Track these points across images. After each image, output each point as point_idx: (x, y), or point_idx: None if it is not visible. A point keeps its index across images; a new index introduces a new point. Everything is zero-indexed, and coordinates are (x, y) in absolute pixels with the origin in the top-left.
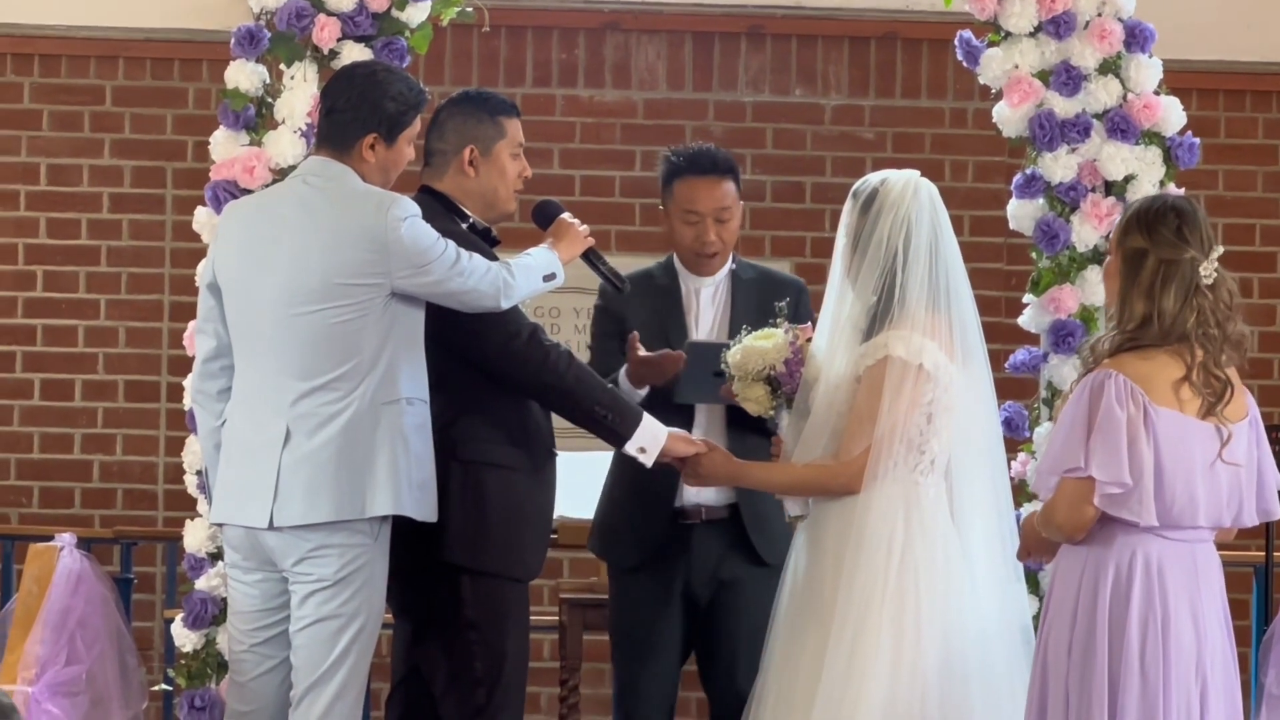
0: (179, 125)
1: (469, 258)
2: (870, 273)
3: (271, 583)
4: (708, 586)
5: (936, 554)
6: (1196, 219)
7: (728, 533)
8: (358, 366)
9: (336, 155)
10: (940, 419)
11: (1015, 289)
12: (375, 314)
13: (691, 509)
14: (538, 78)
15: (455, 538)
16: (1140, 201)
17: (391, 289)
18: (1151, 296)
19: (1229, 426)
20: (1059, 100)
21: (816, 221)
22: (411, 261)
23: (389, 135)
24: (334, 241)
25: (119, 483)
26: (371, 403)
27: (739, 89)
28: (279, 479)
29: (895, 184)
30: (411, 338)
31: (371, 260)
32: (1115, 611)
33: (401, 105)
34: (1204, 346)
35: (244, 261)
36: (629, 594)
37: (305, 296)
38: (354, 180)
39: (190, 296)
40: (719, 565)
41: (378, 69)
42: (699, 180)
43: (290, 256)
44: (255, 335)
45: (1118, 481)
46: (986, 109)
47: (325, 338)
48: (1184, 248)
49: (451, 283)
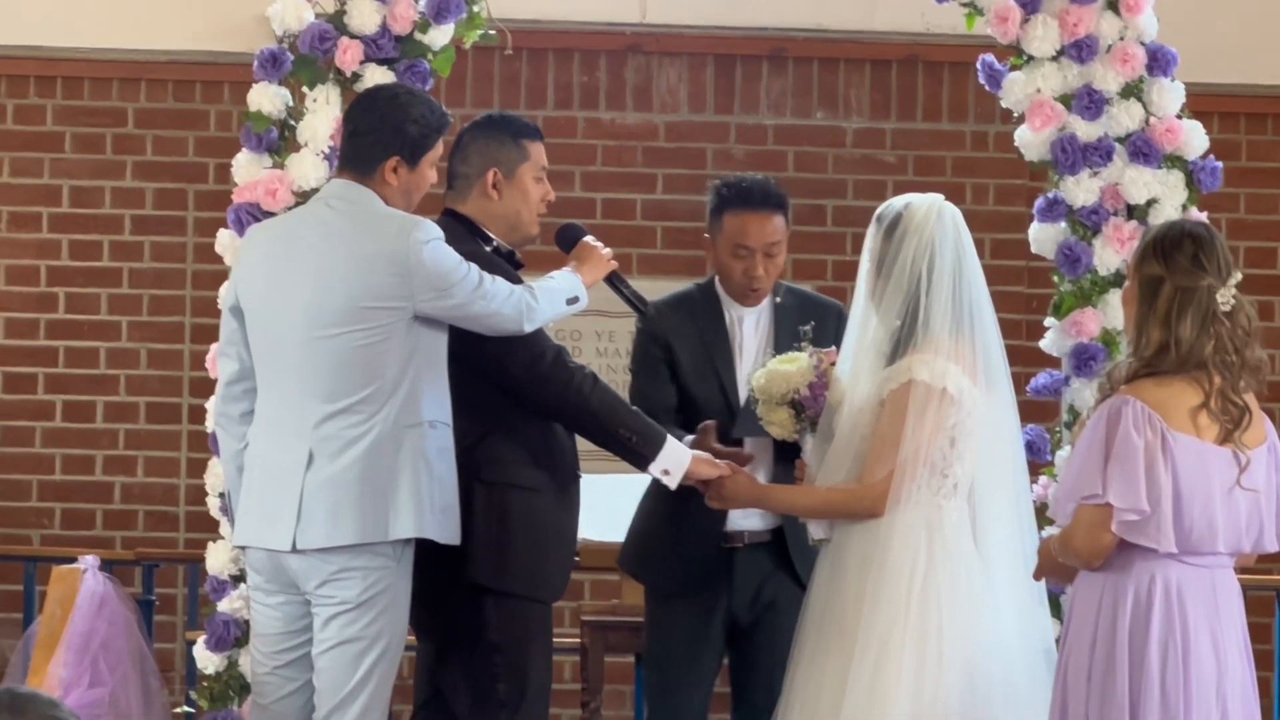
0: (201, 147)
1: (491, 281)
2: (894, 297)
3: (294, 605)
4: (750, 609)
5: (959, 578)
6: (1214, 245)
7: (770, 556)
8: (380, 389)
9: (359, 178)
10: (963, 443)
11: (1037, 312)
12: (398, 337)
13: (734, 533)
14: (559, 100)
15: (479, 559)
16: (1157, 228)
17: (414, 312)
18: (1168, 324)
19: (1247, 453)
20: (1081, 124)
21: (838, 244)
22: (434, 284)
23: (411, 158)
24: (357, 265)
25: (140, 504)
26: (394, 426)
27: (761, 111)
28: (302, 502)
29: (919, 208)
30: (434, 360)
31: (394, 283)
32: (1135, 637)
33: (424, 128)
34: (1222, 373)
35: (267, 285)
36: (668, 619)
37: (328, 320)
38: (376, 203)
39: (212, 319)
40: (761, 588)
41: (400, 92)
42: (750, 215)
43: (313, 280)
44: (278, 358)
45: (1135, 508)
46: (1008, 132)
47: (348, 361)
48: (1201, 275)
49: (474, 306)
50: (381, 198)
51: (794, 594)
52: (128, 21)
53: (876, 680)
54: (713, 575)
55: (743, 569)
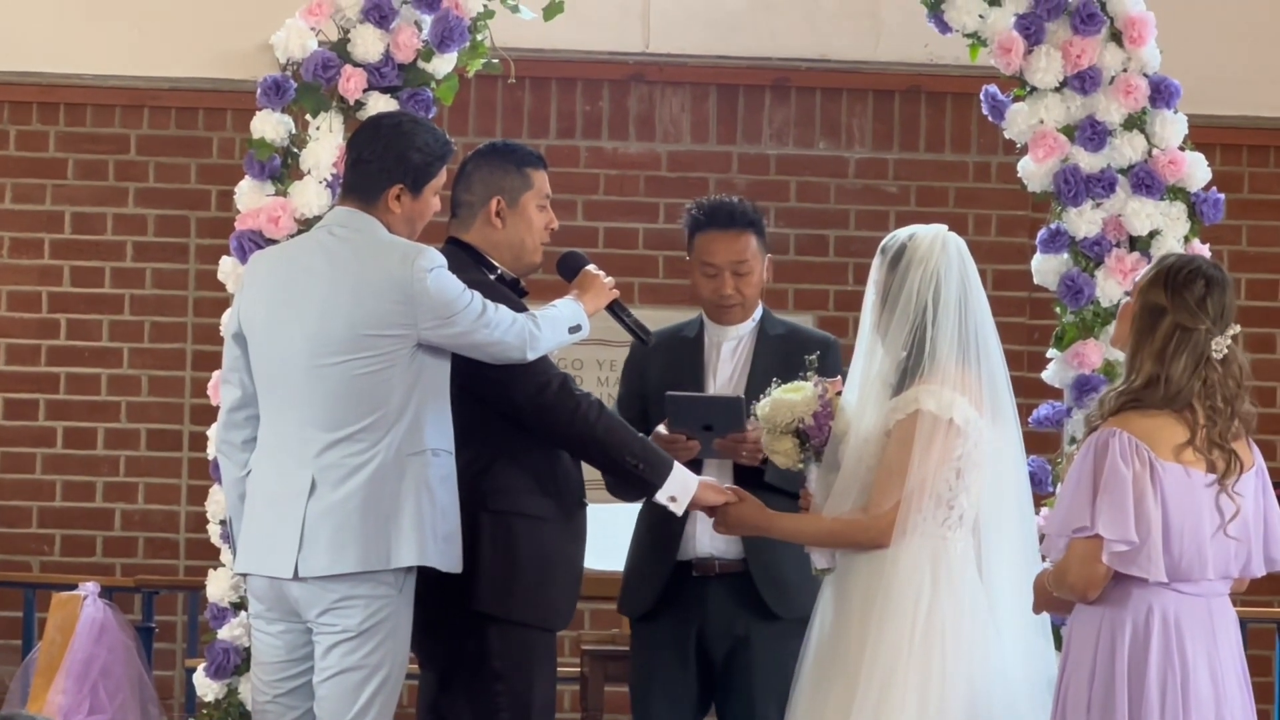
0: (203, 175)
1: (495, 309)
2: (900, 328)
3: (295, 634)
4: (722, 641)
5: (963, 610)
6: (1223, 292)
7: (742, 587)
8: (383, 418)
9: (363, 206)
10: (970, 474)
11: (1039, 344)
12: (401, 365)
13: (704, 561)
14: (562, 129)
15: (485, 587)
16: (1175, 258)
17: (418, 340)
18: (1162, 360)
19: (1236, 501)
20: (1084, 155)
21: (840, 275)
22: (438, 313)
23: (415, 186)
24: (360, 292)
25: (141, 531)
26: (397, 454)
27: (763, 142)
28: (304, 529)
29: (924, 239)
30: (437, 389)
31: (398, 311)
32: (1134, 668)
33: (427, 156)
34: (1208, 415)
35: (269, 312)
36: (644, 640)
37: (331, 347)
38: (380, 231)
39: (213, 345)
40: (733, 620)
41: (404, 120)
42: (718, 234)
43: (316, 307)
44: (281, 386)
45: (1124, 539)
46: (1011, 163)
47: (351, 389)
48: (1202, 318)
49: (477, 334)
50: (385, 225)
51: (765, 629)
52: (131, 48)
53: (880, 709)
54: (683, 602)
55: (714, 598)
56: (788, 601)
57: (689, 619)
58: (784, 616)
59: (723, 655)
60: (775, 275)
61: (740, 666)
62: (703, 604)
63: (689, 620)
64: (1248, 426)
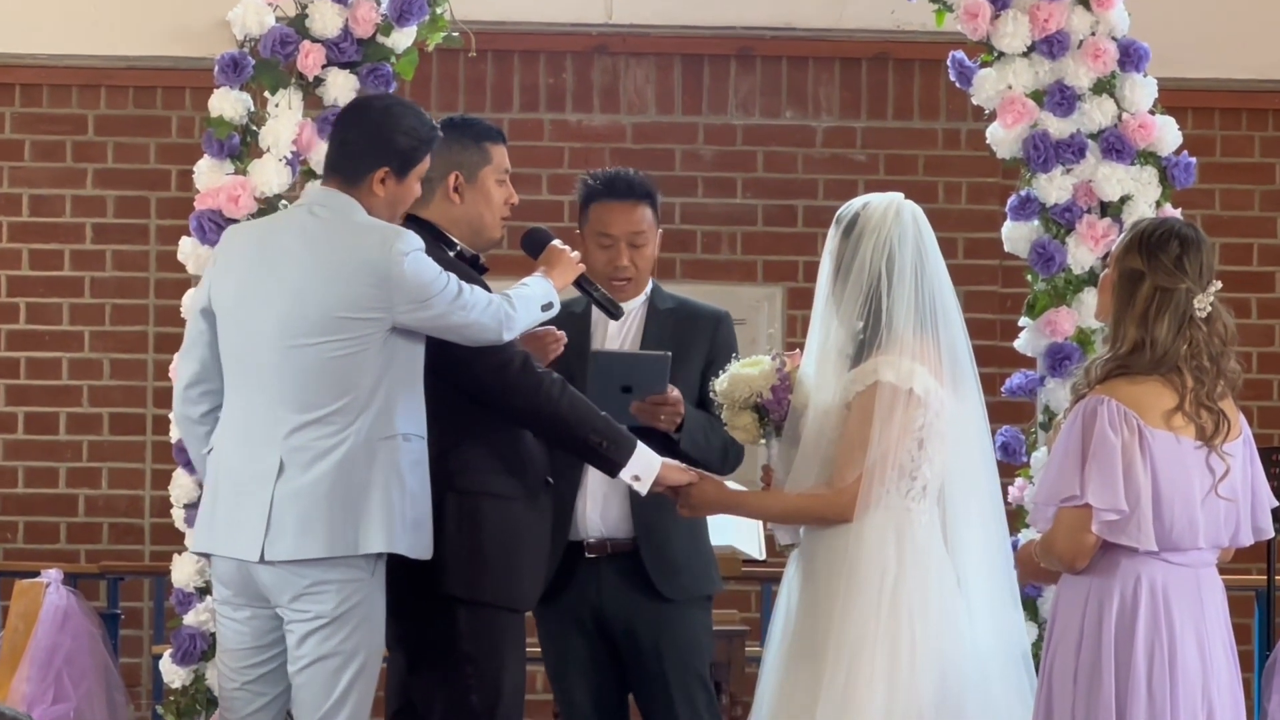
0: (162, 154)
1: (470, 291)
2: (854, 298)
3: (262, 619)
4: (620, 623)
5: (930, 582)
6: (1199, 250)
7: (634, 568)
8: (354, 401)
9: (345, 187)
10: (932, 444)
11: (1011, 312)
12: (374, 348)
13: (596, 542)
14: (525, 102)
15: (451, 569)
16: (1147, 222)
17: (392, 323)
18: (1145, 324)
19: (1226, 460)
20: (1053, 121)
21: (809, 245)
22: (413, 296)
23: (400, 170)
24: (336, 274)
25: (105, 517)
26: (367, 438)
27: (729, 112)
28: (271, 512)
29: (877, 207)
30: (410, 373)
31: (373, 294)
32: (1121, 638)
33: (414, 140)
34: (1195, 377)
35: (242, 289)
36: (548, 624)
37: (304, 328)
38: (359, 213)
39: (175, 328)
40: (626, 602)
41: (393, 103)
42: (614, 204)
43: (290, 287)
44: (250, 365)
45: (1114, 508)
46: (980, 130)
47: (322, 371)
48: (1181, 278)
49: (453, 316)
50: (366, 208)
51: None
52: (87, 27)
53: (849, 686)
54: (576, 584)
55: (606, 579)
56: (678, 583)
57: (586, 601)
58: (674, 598)
59: (623, 637)
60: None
61: (644, 651)
62: (597, 585)
63: (586, 602)
64: (1233, 386)
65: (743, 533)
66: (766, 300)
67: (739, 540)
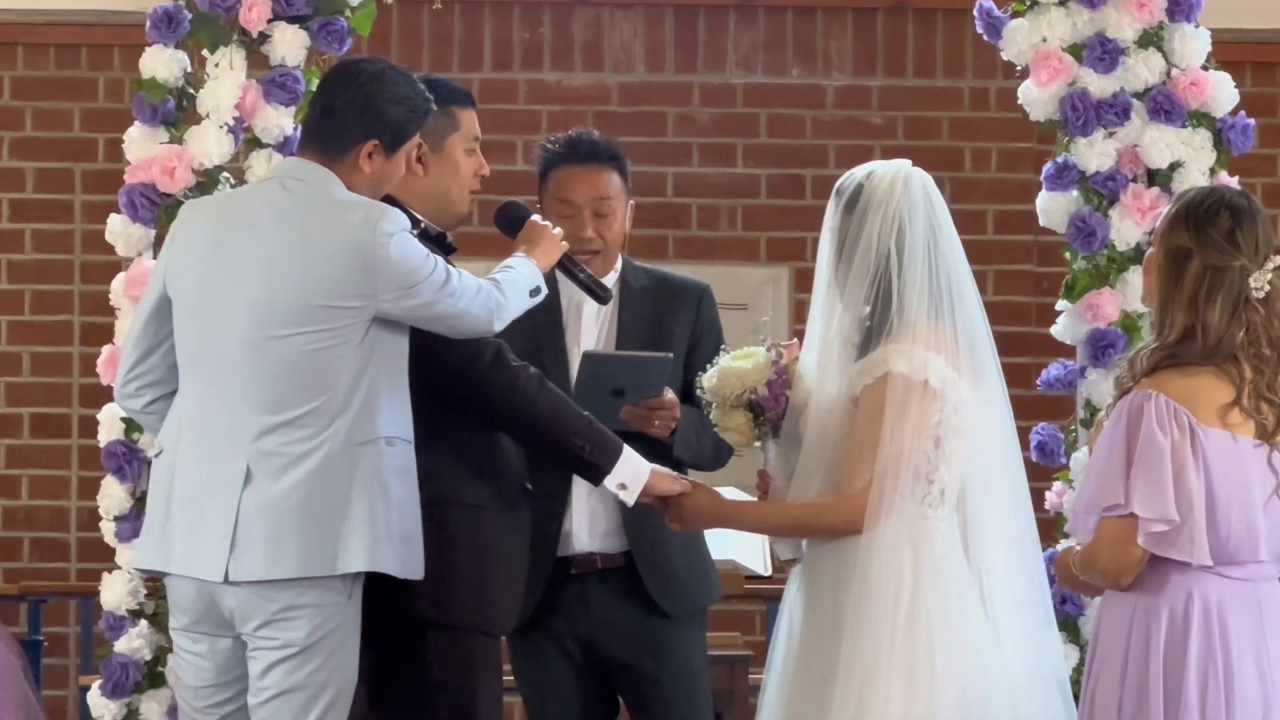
0: (88, 121)
1: (459, 276)
2: (859, 280)
3: (226, 650)
4: (614, 647)
5: (950, 599)
6: (1254, 221)
7: (627, 584)
8: (332, 400)
9: (325, 160)
10: (950, 443)
11: (1047, 294)
12: (354, 341)
13: (584, 557)
14: (497, 60)
15: (419, 588)
16: (1193, 193)
17: (375, 312)
18: (1195, 308)
19: None
20: (1093, 78)
21: (818, 220)
22: (399, 283)
23: (391, 145)
24: (314, 256)
25: (25, 531)
26: (346, 442)
27: (728, 70)
28: (237, 526)
29: (883, 177)
30: (393, 368)
31: (355, 279)
32: (1171, 662)
33: (409, 112)
34: (1254, 366)
35: (206, 273)
36: (526, 656)
37: (277, 319)
38: (338, 188)
39: (104, 317)
40: (621, 622)
41: (386, 68)
42: (576, 169)
43: (260, 272)
44: (214, 359)
45: (1163, 517)
46: (1011, 89)
47: (297, 366)
48: (1234, 254)
49: (440, 305)
50: (347, 185)
51: (661, 629)
52: None
53: (860, 717)
54: (563, 605)
55: (597, 598)
56: (678, 597)
57: (573, 625)
58: (674, 614)
59: (617, 663)
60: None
61: (642, 677)
62: (586, 606)
63: (573, 626)
64: None
65: (745, 546)
66: (771, 282)
67: (741, 554)
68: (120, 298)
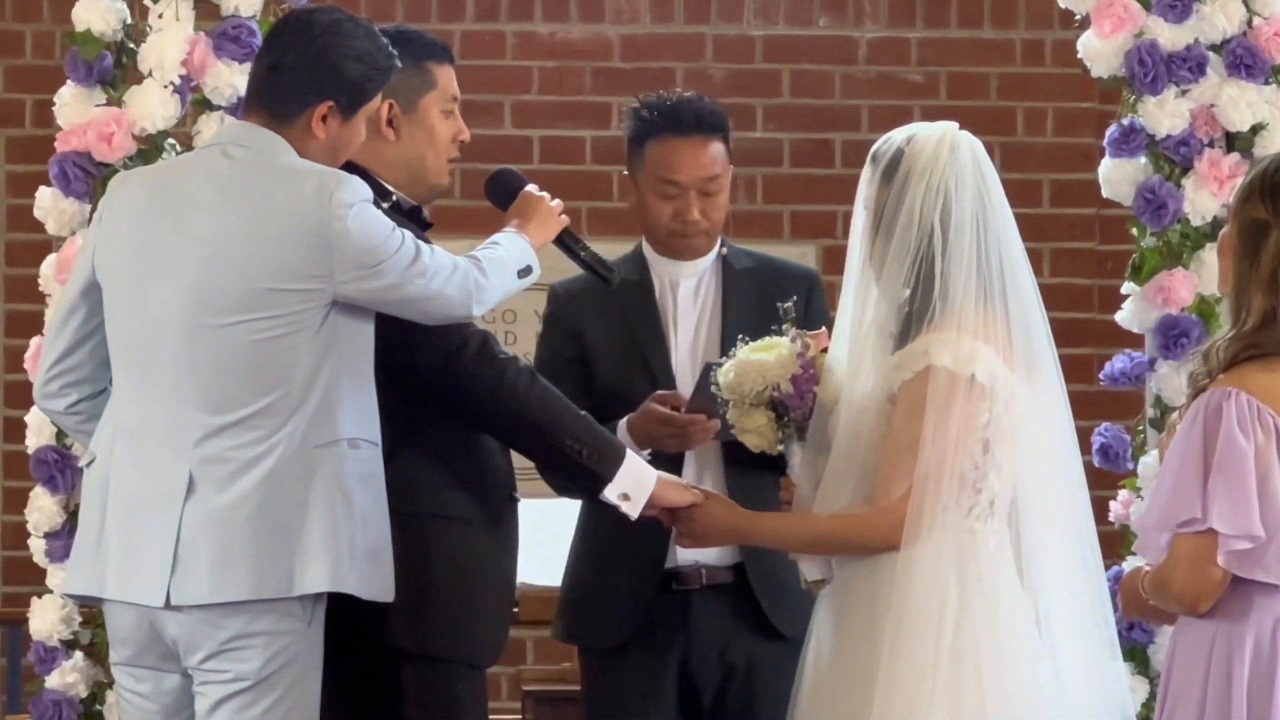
0: (13, 80)
1: (430, 253)
2: (899, 259)
3: (173, 692)
4: (714, 672)
5: (1000, 622)
6: None
7: (734, 601)
8: (285, 397)
9: (274, 124)
10: (1000, 447)
11: (1112, 276)
12: (310, 329)
13: (688, 571)
14: (481, 10)
15: (393, 614)
16: (1269, 160)
17: (333, 296)
18: (1275, 289)
19: None
20: (1164, 28)
21: (850, 192)
22: (360, 261)
23: (348, 106)
24: (261, 233)
25: None
26: (302, 445)
27: (745, 20)
28: (179, 543)
29: (926, 142)
30: (355, 360)
31: (309, 258)
32: (1256, 697)
33: (368, 70)
34: None
35: (137, 253)
36: (609, 681)
37: (220, 304)
38: (289, 155)
39: (33, 304)
40: (726, 644)
41: (342, 19)
42: (679, 141)
43: (202, 251)
44: (148, 352)
45: (1246, 534)
46: (1070, 40)
47: (244, 359)
48: None
49: (410, 286)
50: (299, 152)
51: (767, 651)
52: None
53: None
54: (662, 625)
55: (701, 619)
56: (794, 617)
57: (669, 647)
58: (790, 636)
59: (713, 690)
60: (766, 194)
61: (736, 703)
62: (686, 626)
63: (669, 649)
64: None
65: None
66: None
67: None
68: (51, 282)
